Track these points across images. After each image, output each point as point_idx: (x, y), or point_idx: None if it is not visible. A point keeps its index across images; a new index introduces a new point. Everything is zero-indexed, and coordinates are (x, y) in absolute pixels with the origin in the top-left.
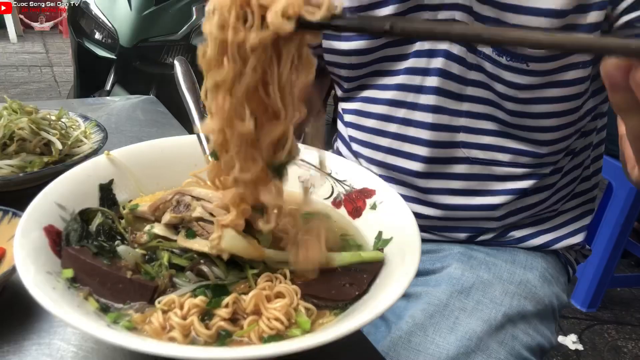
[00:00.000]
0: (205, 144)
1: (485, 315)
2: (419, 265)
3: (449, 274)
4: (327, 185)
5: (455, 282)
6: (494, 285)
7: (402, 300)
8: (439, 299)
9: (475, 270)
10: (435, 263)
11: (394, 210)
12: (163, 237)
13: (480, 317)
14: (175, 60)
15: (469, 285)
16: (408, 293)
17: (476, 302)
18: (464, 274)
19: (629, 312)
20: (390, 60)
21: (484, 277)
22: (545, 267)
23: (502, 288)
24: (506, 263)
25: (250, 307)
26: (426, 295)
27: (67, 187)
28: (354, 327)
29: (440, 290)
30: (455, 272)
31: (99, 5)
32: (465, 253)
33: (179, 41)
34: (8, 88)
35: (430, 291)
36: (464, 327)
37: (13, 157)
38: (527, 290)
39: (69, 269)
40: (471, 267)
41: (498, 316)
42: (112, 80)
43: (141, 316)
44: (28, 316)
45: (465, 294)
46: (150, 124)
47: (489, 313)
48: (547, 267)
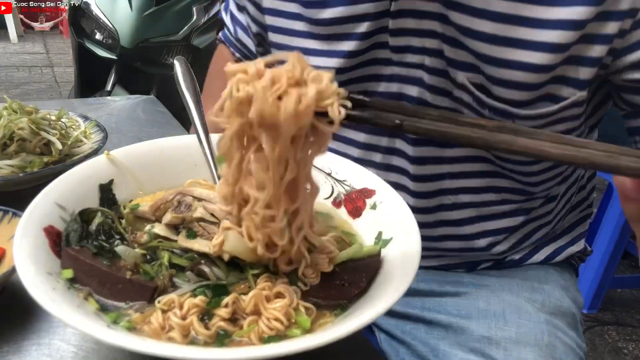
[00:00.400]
0: (205, 144)
1: (531, 340)
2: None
3: (474, 306)
4: (327, 185)
5: (485, 312)
6: (523, 305)
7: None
8: (480, 333)
9: (496, 293)
10: (444, 285)
11: (394, 210)
12: (164, 237)
13: (528, 341)
14: (175, 60)
15: (500, 311)
16: (432, 320)
17: (517, 326)
18: (489, 301)
19: (629, 313)
20: (370, 81)
21: (507, 299)
22: (556, 274)
23: (532, 307)
24: (522, 280)
25: (250, 307)
26: (465, 331)
27: (67, 187)
28: (355, 327)
29: (476, 323)
30: (480, 304)
31: (100, 5)
32: (474, 280)
33: (180, 41)
34: (9, 88)
35: (463, 324)
36: (517, 355)
37: (13, 157)
38: (552, 303)
39: (69, 269)
40: (491, 291)
41: (544, 337)
42: (113, 81)
43: (141, 316)
44: (28, 316)
45: (502, 322)
46: (150, 124)
47: (534, 336)
48: (556, 273)
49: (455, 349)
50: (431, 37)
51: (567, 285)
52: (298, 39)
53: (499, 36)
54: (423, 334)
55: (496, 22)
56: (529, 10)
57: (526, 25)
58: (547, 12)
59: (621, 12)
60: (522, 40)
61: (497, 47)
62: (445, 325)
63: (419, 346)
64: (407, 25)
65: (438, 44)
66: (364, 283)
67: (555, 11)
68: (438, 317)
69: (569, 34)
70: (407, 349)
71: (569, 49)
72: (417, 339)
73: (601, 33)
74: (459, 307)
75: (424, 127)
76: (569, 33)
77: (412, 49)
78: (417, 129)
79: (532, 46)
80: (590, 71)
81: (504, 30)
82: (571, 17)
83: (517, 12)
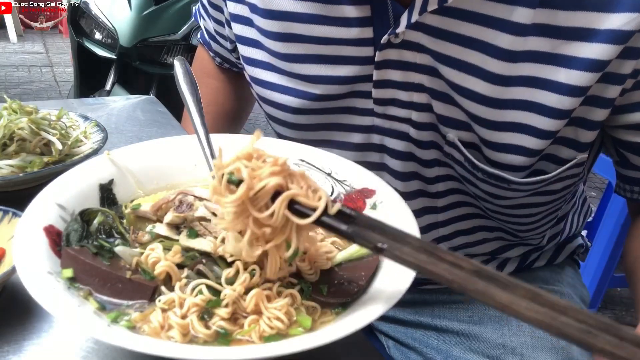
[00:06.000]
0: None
1: (547, 344)
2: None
3: (485, 312)
4: (327, 185)
5: (497, 318)
6: None
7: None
8: (495, 340)
9: None
10: (452, 294)
11: (394, 210)
12: (165, 237)
13: (544, 346)
14: (175, 60)
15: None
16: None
17: (531, 330)
18: None
19: (629, 312)
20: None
21: None
22: (562, 273)
23: None
24: (529, 283)
25: (250, 306)
26: (478, 337)
27: (67, 187)
28: (358, 325)
29: (488, 329)
30: (491, 310)
31: (99, 5)
32: None
33: (179, 41)
34: (8, 88)
35: (475, 330)
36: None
37: (13, 157)
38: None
39: (69, 269)
40: None
41: (560, 340)
42: (112, 80)
43: (141, 315)
44: (28, 316)
45: (516, 327)
46: (150, 124)
47: (549, 340)
48: (562, 272)
49: (470, 355)
50: (419, 90)
51: (574, 283)
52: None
53: (494, 98)
54: (435, 341)
55: (491, 83)
56: (528, 69)
57: (526, 85)
58: (551, 73)
59: (623, 75)
60: (520, 100)
61: (492, 109)
62: (457, 332)
63: (432, 353)
64: (392, 77)
65: (427, 98)
66: (363, 281)
67: (559, 74)
68: (449, 324)
69: (573, 100)
70: (418, 355)
71: (571, 112)
72: (430, 346)
73: (604, 96)
74: (470, 313)
75: (403, 258)
76: (572, 99)
77: (397, 102)
78: (397, 258)
79: (532, 107)
80: (592, 134)
81: (500, 93)
82: (574, 83)
83: (516, 73)
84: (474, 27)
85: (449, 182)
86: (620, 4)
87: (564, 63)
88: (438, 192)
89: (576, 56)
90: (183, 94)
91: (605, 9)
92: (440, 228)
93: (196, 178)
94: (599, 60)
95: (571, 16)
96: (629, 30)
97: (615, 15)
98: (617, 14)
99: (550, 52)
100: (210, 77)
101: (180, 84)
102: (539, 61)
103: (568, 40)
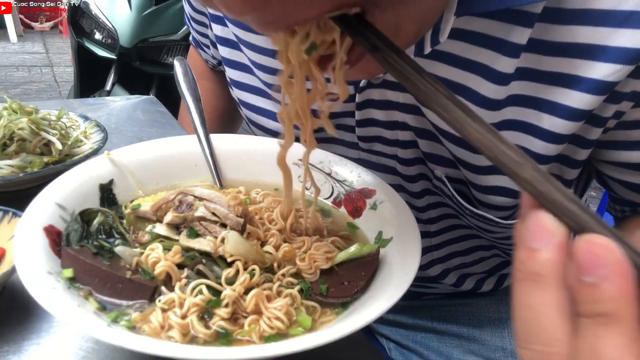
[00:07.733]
0: (205, 144)
1: None
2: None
3: (485, 315)
4: (327, 185)
5: (496, 321)
6: None
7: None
8: (494, 343)
9: (506, 301)
10: (452, 298)
11: (394, 210)
12: (165, 237)
13: None
14: (175, 60)
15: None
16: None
17: None
18: (499, 310)
19: None
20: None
21: None
22: None
23: None
24: None
25: (250, 306)
26: (478, 340)
27: (67, 187)
28: (358, 325)
29: (488, 332)
30: (491, 313)
31: (99, 5)
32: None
33: (179, 41)
34: (8, 88)
35: (475, 334)
36: None
37: (13, 157)
38: None
39: (69, 269)
40: (500, 299)
41: None
42: (112, 80)
43: (141, 315)
44: (28, 316)
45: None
46: (150, 124)
47: None
48: None
49: (470, 357)
50: (404, 129)
51: None
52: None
53: None
54: (435, 343)
55: None
56: (512, 113)
57: (511, 128)
58: (535, 118)
59: (606, 118)
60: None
61: (475, 154)
62: (457, 334)
63: (433, 355)
64: (375, 116)
65: (411, 136)
66: (363, 281)
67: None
68: (449, 327)
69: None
70: (419, 358)
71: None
72: (430, 349)
73: (587, 137)
74: (470, 316)
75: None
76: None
77: (383, 139)
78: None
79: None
80: (576, 171)
81: None
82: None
83: (501, 119)
84: (458, 72)
85: (440, 208)
86: (606, 53)
87: (547, 109)
88: (430, 219)
89: (559, 102)
90: (183, 94)
91: (591, 57)
92: (435, 251)
93: (196, 178)
94: (582, 109)
95: (555, 62)
96: (613, 82)
97: (600, 64)
98: (602, 63)
99: (534, 96)
100: (203, 78)
101: (180, 84)
102: (522, 105)
103: (551, 85)
